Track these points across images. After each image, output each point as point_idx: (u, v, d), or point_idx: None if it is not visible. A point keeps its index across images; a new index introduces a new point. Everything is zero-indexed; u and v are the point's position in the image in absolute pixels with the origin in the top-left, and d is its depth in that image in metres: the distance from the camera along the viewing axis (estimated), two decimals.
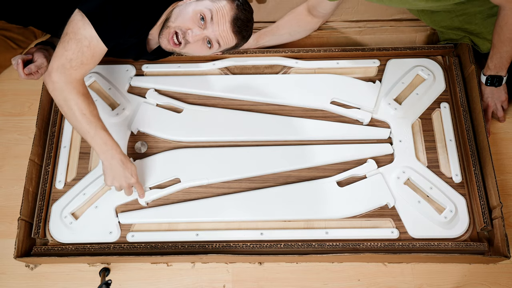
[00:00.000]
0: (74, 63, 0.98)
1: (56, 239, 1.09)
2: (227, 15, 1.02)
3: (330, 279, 1.10)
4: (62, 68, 0.97)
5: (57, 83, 0.98)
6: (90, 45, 0.98)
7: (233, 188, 1.13)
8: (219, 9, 1.01)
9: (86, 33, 0.97)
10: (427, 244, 1.05)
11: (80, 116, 0.99)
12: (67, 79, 0.98)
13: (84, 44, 0.97)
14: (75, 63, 0.98)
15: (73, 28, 0.97)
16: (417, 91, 1.20)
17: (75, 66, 0.98)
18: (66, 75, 0.98)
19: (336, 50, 1.26)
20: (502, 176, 1.19)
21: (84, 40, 0.97)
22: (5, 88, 1.35)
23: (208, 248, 1.06)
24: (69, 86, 0.98)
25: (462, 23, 1.20)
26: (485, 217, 1.06)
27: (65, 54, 0.97)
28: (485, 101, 1.21)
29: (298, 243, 1.06)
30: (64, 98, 0.99)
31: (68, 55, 0.97)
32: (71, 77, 0.98)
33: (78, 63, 0.98)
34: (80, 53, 0.97)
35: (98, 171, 1.14)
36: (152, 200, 1.12)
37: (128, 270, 1.12)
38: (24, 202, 1.10)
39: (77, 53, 0.97)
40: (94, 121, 1.01)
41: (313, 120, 1.19)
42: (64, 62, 0.98)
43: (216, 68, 1.27)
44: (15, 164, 1.25)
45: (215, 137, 1.18)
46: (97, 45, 0.98)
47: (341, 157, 1.15)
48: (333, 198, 1.10)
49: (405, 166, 1.13)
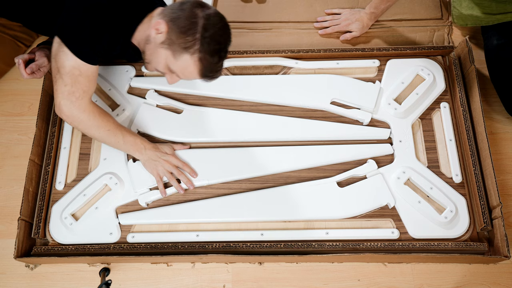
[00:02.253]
0: (77, 94, 1.01)
1: (56, 240, 1.09)
2: (193, 73, 1.01)
3: (330, 279, 1.10)
4: (69, 103, 1.01)
5: (72, 117, 1.03)
6: (82, 73, 1.00)
7: (233, 189, 1.13)
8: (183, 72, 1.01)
9: (72, 63, 0.98)
10: (427, 244, 1.05)
11: (106, 134, 1.07)
12: (79, 109, 1.03)
13: (75, 74, 0.99)
14: (78, 93, 1.01)
15: (59, 62, 0.99)
16: (417, 91, 1.20)
17: (79, 96, 1.01)
18: (76, 106, 1.02)
19: (336, 50, 1.26)
20: (502, 176, 1.19)
21: (74, 70, 0.99)
22: (5, 88, 1.35)
23: (208, 248, 1.06)
24: (84, 115, 1.04)
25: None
26: (485, 217, 1.06)
27: (66, 89, 1.00)
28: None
29: (298, 243, 1.06)
30: (85, 126, 1.06)
31: (68, 89, 1.00)
32: (81, 107, 1.02)
33: (80, 92, 1.01)
34: (77, 83, 1.00)
35: (98, 172, 1.14)
36: (152, 201, 1.12)
37: (128, 270, 1.12)
38: (24, 202, 1.10)
39: (75, 85, 1.00)
40: (118, 131, 1.08)
41: (313, 121, 1.19)
42: (68, 96, 1.01)
43: None
44: (15, 164, 1.25)
45: (215, 137, 1.18)
46: (87, 69, 1.00)
47: (341, 157, 1.15)
48: (333, 198, 1.10)
49: (405, 166, 1.13)
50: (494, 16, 1.21)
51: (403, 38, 1.33)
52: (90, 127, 1.05)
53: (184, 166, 1.12)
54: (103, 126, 1.06)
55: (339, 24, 1.32)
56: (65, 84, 1.00)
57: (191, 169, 1.12)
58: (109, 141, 1.09)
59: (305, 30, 1.35)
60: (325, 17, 1.35)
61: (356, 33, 1.31)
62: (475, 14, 1.22)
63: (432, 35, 1.34)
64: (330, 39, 1.34)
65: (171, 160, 1.11)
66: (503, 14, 1.20)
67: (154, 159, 1.10)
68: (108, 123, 1.07)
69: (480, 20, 1.24)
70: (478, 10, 1.21)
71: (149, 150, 1.10)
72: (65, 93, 1.00)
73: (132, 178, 1.13)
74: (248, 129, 1.18)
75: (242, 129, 1.18)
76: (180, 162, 1.12)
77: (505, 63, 1.21)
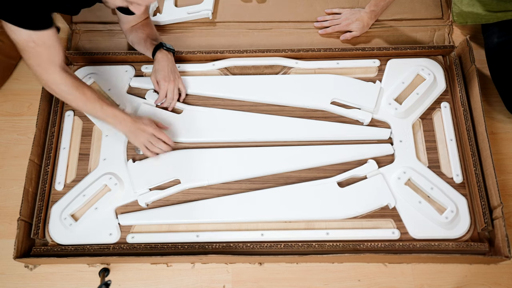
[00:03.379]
0: (43, 66, 0.98)
1: (56, 241, 1.09)
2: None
3: (331, 279, 1.10)
4: (41, 78, 1.00)
5: (51, 91, 1.02)
6: (37, 43, 0.94)
7: (234, 189, 1.13)
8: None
9: (23, 37, 0.93)
10: (427, 244, 1.05)
11: (83, 105, 1.05)
12: (53, 82, 1.00)
13: (31, 46, 0.94)
14: (43, 66, 0.98)
15: (14, 41, 0.94)
16: (417, 91, 1.20)
17: (46, 68, 0.98)
18: (49, 80, 1.00)
19: (336, 50, 1.26)
20: (503, 176, 1.19)
21: (28, 43, 0.94)
22: (5, 88, 1.35)
23: (208, 249, 1.06)
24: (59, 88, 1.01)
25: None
26: (486, 217, 1.06)
27: (32, 64, 0.98)
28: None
29: (299, 244, 1.06)
30: (65, 99, 1.05)
31: (33, 63, 0.97)
32: (54, 80, 1.00)
33: (45, 64, 0.98)
34: (38, 56, 0.96)
35: (97, 172, 1.14)
36: (152, 202, 1.12)
37: (127, 270, 1.12)
38: (24, 203, 1.09)
39: (36, 58, 0.97)
40: (97, 103, 1.05)
41: (313, 121, 1.19)
42: (37, 71, 0.99)
43: (215, 68, 1.26)
44: (15, 164, 1.24)
45: (215, 138, 1.18)
46: (40, 37, 0.94)
47: (341, 157, 1.14)
48: (333, 198, 1.09)
49: (406, 167, 1.12)
50: (494, 14, 1.21)
51: (404, 37, 1.33)
52: (69, 100, 1.04)
53: (161, 134, 1.12)
54: (80, 98, 1.03)
55: (339, 24, 1.32)
56: (28, 58, 0.97)
57: (167, 137, 1.13)
58: (89, 112, 1.09)
59: (305, 30, 1.35)
60: (325, 17, 1.35)
61: (356, 33, 1.30)
62: (476, 12, 1.22)
63: (432, 34, 1.33)
64: (330, 38, 1.34)
65: (149, 130, 1.11)
66: (504, 12, 1.20)
67: (133, 130, 1.10)
68: (85, 95, 1.04)
69: (480, 18, 1.24)
70: (479, 7, 1.21)
71: (129, 122, 1.10)
72: (33, 68, 0.98)
73: (131, 179, 1.13)
74: (248, 129, 1.18)
75: (242, 129, 1.18)
76: (157, 131, 1.12)
77: (505, 61, 1.21)
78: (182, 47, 1.29)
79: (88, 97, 1.04)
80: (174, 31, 1.36)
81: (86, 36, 1.36)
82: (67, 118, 1.22)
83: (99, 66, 1.28)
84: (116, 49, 1.32)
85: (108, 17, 1.37)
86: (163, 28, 1.35)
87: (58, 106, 1.22)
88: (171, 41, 1.26)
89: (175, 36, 1.35)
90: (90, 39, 1.36)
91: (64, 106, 1.24)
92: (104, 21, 1.37)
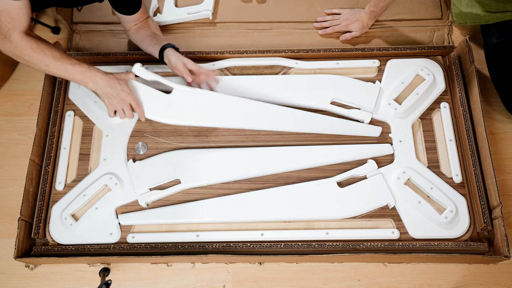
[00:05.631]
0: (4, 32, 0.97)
1: (56, 241, 1.09)
2: None
3: (330, 279, 1.10)
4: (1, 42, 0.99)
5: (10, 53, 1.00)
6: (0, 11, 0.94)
7: (234, 189, 1.13)
8: None
9: None
10: (427, 244, 1.05)
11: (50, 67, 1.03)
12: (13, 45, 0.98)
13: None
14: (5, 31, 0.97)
15: None
16: (417, 91, 1.20)
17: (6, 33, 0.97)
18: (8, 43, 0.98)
19: (336, 50, 1.26)
20: (502, 176, 1.19)
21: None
22: (5, 88, 1.35)
23: (208, 249, 1.06)
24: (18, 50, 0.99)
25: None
26: (485, 217, 1.06)
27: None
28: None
29: (298, 243, 1.06)
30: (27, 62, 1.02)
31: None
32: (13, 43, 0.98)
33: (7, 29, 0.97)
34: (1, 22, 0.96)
35: (98, 172, 1.14)
36: (152, 201, 1.12)
37: (128, 270, 1.12)
38: (25, 203, 1.10)
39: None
40: (63, 61, 1.03)
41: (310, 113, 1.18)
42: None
43: (216, 68, 1.27)
44: (15, 164, 1.25)
45: (206, 122, 1.17)
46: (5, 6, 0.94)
47: (341, 157, 1.15)
48: (333, 198, 1.10)
49: (406, 167, 1.13)
50: (493, 14, 1.21)
51: (403, 38, 1.33)
52: (32, 63, 1.01)
53: (137, 108, 1.12)
54: (43, 60, 1.01)
55: (339, 24, 1.32)
56: None
57: (142, 111, 1.13)
58: (57, 74, 1.05)
59: (305, 30, 1.35)
60: (325, 17, 1.35)
61: (356, 33, 1.31)
62: (475, 12, 1.22)
63: (432, 35, 1.34)
64: (330, 39, 1.34)
65: (127, 99, 1.11)
66: (503, 12, 1.20)
67: (109, 96, 1.09)
68: (48, 56, 1.02)
69: (479, 19, 1.24)
70: (478, 8, 1.21)
71: (103, 84, 1.08)
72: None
73: (132, 179, 1.13)
74: (239, 115, 1.17)
75: (234, 113, 1.17)
76: (134, 102, 1.11)
77: (504, 61, 1.21)
78: (182, 47, 1.29)
79: (52, 56, 1.01)
80: (174, 32, 1.36)
81: (86, 36, 1.36)
82: (67, 118, 1.22)
83: (99, 66, 1.27)
84: (116, 49, 1.33)
85: (108, 17, 1.37)
86: (163, 28, 1.35)
87: (58, 106, 1.22)
88: (171, 41, 1.26)
89: (175, 37, 1.35)
90: (90, 39, 1.36)
91: (65, 106, 1.24)
92: (104, 21, 1.37)
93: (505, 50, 1.22)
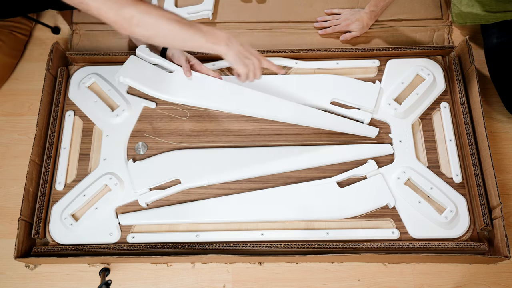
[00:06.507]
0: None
1: (56, 241, 1.09)
2: None
3: (330, 279, 1.10)
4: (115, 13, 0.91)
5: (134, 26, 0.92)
6: None
7: (234, 189, 1.13)
8: None
9: None
10: (427, 244, 1.05)
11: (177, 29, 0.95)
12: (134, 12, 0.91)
13: None
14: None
15: None
16: (417, 91, 1.20)
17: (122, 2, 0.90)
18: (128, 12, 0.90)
19: (336, 50, 1.26)
20: (502, 176, 1.19)
21: None
22: (5, 88, 1.35)
23: (208, 249, 1.06)
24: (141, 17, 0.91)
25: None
26: (485, 217, 1.06)
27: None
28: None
29: (298, 243, 1.06)
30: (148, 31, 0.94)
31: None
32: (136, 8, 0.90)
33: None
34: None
35: (98, 172, 1.14)
36: (152, 201, 1.12)
37: (128, 270, 1.12)
38: (25, 203, 1.10)
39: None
40: (188, 24, 0.96)
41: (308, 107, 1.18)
42: (112, 6, 0.90)
43: (216, 68, 1.27)
44: (15, 164, 1.25)
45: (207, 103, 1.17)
46: None
47: (341, 157, 1.15)
48: (333, 198, 1.10)
49: (406, 167, 1.13)
50: (494, 14, 1.21)
51: (403, 38, 1.33)
52: (155, 28, 0.93)
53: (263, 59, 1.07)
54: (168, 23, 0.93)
55: (339, 24, 1.32)
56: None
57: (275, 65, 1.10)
58: (183, 37, 0.96)
59: (305, 30, 1.35)
60: (325, 17, 1.35)
61: (356, 33, 1.31)
62: (475, 12, 1.22)
63: (432, 35, 1.34)
64: (330, 39, 1.34)
65: (257, 65, 1.05)
66: (503, 12, 1.20)
67: (243, 57, 1.03)
68: (172, 19, 0.94)
69: (479, 18, 1.24)
70: (478, 8, 1.21)
71: (235, 43, 1.02)
72: (101, 10, 0.90)
73: (132, 179, 1.13)
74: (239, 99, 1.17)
75: (233, 98, 1.17)
76: (259, 70, 1.07)
77: (505, 61, 1.21)
78: None
79: (176, 17, 0.94)
80: None
81: (87, 37, 1.36)
82: (67, 118, 1.22)
83: (100, 66, 1.28)
84: (116, 49, 1.33)
85: None
86: None
87: (58, 106, 1.22)
88: None
89: None
90: (90, 39, 1.36)
91: (65, 106, 1.24)
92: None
93: (505, 50, 1.22)
